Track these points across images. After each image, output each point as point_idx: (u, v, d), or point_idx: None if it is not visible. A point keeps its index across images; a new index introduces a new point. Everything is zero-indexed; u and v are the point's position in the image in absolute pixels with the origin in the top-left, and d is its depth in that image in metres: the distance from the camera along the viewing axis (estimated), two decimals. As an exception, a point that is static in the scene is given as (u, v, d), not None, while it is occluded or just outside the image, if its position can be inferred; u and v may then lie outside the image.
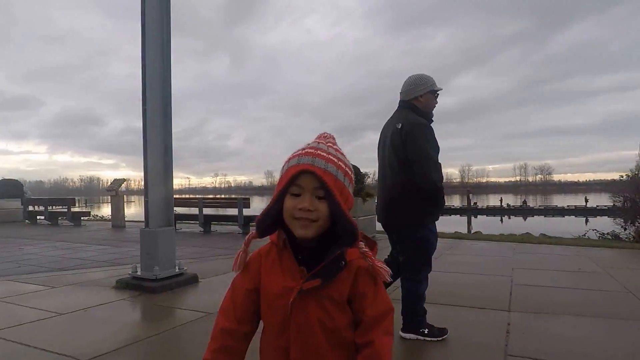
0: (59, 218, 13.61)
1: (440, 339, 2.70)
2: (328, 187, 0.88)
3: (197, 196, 13.42)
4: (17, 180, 17.01)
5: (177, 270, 4.49)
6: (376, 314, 0.94)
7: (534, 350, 2.51)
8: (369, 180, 10.25)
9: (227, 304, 1.03)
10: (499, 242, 7.82)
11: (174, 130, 4.63)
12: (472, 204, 38.62)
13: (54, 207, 14.45)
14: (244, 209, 10.24)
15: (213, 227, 11.19)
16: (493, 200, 49.76)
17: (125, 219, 12.67)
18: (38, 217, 14.32)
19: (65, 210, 13.51)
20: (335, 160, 0.92)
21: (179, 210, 12.63)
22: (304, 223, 0.89)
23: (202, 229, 10.79)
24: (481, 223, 27.27)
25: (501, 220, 32.20)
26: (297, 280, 0.93)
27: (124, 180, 13.10)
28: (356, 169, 9.45)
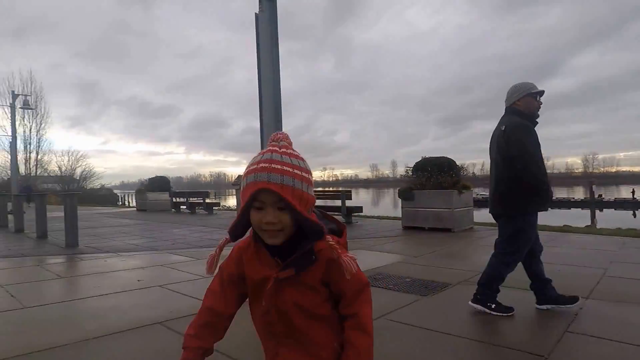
0: (197, 207, 16.01)
1: (506, 315, 2.92)
2: (287, 201, 0.90)
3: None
4: (165, 177, 20.32)
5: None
6: (354, 291, 1.03)
7: (594, 330, 2.60)
8: (467, 173, 10.08)
9: (214, 286, 1.12)
10: (609, 236, 7.15)
11: (285, 128, 5.43)
12: (596, 196, 33.89)
13: (192, 198, 17.00)
14: (346, 201, 10.91)
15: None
16: (625, 192, 42.84)
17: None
18: (181, 207, 17.01)
19: (201, 201, 15.86)
20: (291, 170, 0.93)
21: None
22: (271, 234, 0.95)
23: (309, 218, 11.77)
24: (608, 217, 23.88)
25: (634, 214, 27.77)
26: (274, 269, 1.00)
27: (245, 175, 14.85)
28: (452, 162, 9.40)
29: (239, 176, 14.81)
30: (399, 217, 10.22)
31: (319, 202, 12.29)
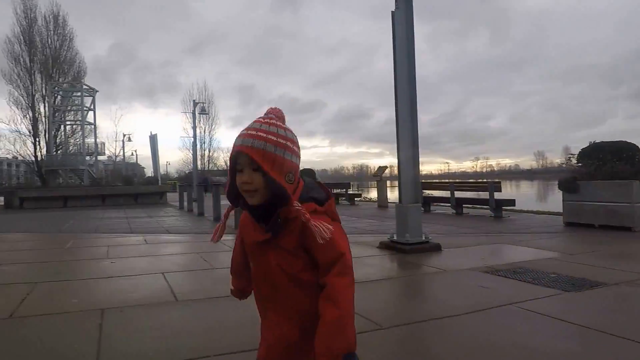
0: (340, 198, 17.32)
1: None
2: (255, 161, 1.02)
3: (449, 180, 14.27)
4: (311, 169, 22.40)
5: (423, 238, 5.63)
6: (328, 260, 1.07)
7: None
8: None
9: (234, 246, 1.33)
10: None
11: (430, 116, 5.75)
12: None
13: (336, 190, 18.41)
14: (495, 193, 10.46)
15: (465, 210, 11.85)
16: None
17: (388, 200, 14.94)
18: (326, 197, 18.61)
19: (344, 192, 17.11)
20: (264, 135, 1.04)
21: (434, 193, 13.86)
22: (248, 194, 1.07)
23: (454, 211, 11.64)
24: None
25: None
26: (261, 233, 1.12)
27: (386, 167, 15.45)
28: (634, 147, 8.18)
29: (379, 167, 15.48)
30: (561, 213, 9.37)
31: (464, 194, 12.07)
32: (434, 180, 19.70)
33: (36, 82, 34.03)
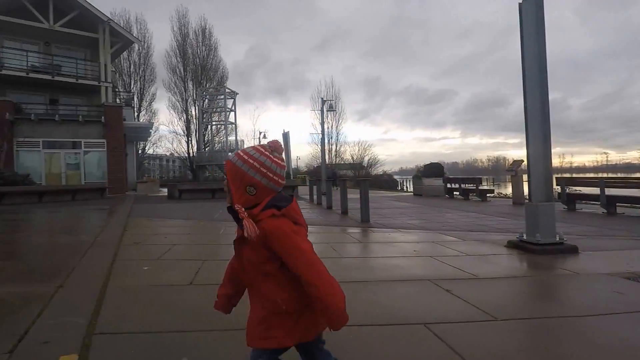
0: (470, 194, 16.74)
1: None
2: (225, 170, 1.39)
3: (606, 174, 12.78)
4: (439, 163, 21.96)
5: (557, 239, 5.42)
6: (285, 253, 1.33)
7: None
8: None
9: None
10: None
11: (583, 100, 5.54)
12: None
13: (466, 185, 17.81)
14: (659, 191, 9.14)
15: (621, 210, 10.54)
16: None
17: (525, 197, 13.96)
18: (454, 193, 18.14)
19: (474, 187, 16.49)
20: (242, 154, 1.37)
21: (582, 190, 12.59)
22: (226, 193, 1.42)
23: (604, 210, 10.46)
24: None
25: None
26: (238, 232, 1.43)
27: (522, 161, 14.40)
28: None
29: (514, 161, 14.51)
30: None
31: (619, 192, 10.83)
32: (587, 175, 17.58)
33: (188, 88, 40.27)
